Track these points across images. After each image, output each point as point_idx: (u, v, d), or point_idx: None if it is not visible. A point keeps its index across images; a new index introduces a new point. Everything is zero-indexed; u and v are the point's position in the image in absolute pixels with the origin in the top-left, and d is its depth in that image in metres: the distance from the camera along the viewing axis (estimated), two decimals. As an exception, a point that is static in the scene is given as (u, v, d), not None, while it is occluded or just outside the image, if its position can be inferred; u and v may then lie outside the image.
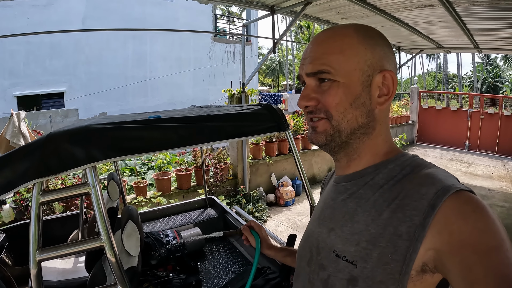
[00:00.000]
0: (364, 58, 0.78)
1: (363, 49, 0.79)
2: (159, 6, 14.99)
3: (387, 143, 0.84)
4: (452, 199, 0.63)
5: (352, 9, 5.71)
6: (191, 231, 2.89)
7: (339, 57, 0.78)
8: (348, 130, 0.80)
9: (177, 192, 5.54)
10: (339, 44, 0.79)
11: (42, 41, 12.23)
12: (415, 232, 0.64)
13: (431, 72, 44.90)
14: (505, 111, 11.29)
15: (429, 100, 16.48)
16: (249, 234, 1.39)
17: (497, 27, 6.23)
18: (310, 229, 0.95)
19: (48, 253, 1.28)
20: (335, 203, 0.87)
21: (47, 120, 11.75)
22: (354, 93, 0.78)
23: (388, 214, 0.70)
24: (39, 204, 1.27)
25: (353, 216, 0.78)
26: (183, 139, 1.53)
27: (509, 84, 30.54)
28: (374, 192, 0.77)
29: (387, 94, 0.80)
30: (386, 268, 0.67)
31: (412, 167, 0.76)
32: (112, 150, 1.36)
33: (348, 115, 0.79)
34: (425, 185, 0.68)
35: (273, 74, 40.54)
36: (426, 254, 0.63)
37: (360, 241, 0.73)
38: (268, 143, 7.06)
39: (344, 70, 0.78)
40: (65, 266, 2.85)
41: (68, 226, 3.08)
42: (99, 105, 13.44)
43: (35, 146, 1.29)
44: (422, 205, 0.65)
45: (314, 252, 0.87)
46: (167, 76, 15.44)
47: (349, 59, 0.78)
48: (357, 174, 0.84)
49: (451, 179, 0.69)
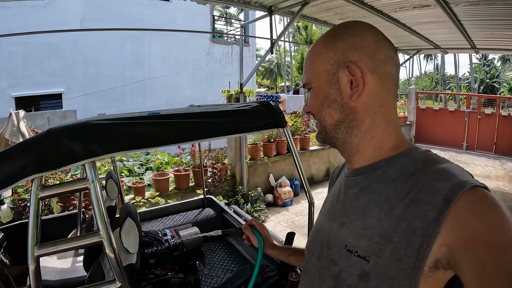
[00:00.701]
0: (327, 59, 0.83)
1: (325, 51, 0.83)
2: (157, 7, 14.99)
3: (393, 136, 0.83)
4: (467, 195, 0.62)
5: (350, 10, 5.72)
6: (190, 231, 2.89)
7: (311, 67, 0.87)
8: (329, 126, 0.86)
9: (175, 193, 5.54)
10: (311, 57, 0.87)
11: (41, 42, 12.22)
12: (429, 228, 0.63)
13: (428, 73, 45.02)
14: (503, 111, 11.31)
15: (427, 101, 16.50)
16: (250, 233, 1.36)
17: (494, 27, 6.25)
18: (320, 224, 0.95)
19: (46, 249, 1.27)
20: (346, 197, 0.86)
21: (45, 121, 11.71)
22: (323, 93, 0.85)
23: (402, 208, 0.69)
24: (38, 199, 1.26)
25: (365, 210, 0.77)
26: (181, 135, 1.54)
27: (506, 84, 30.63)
28: (386, 186, 0.75)
29: (357, 86, 0.79)
30: (399, 263, 0.66)
31: (426, 162, 0.75)
32: (111, 146, 1.36)
33: (323, 113, 0.86)
34: (440, 180, 0.67)
35: (271, 75, 40.53)
36: (439, 250, 0.62)
37: (373, 236, 0.72)
38: (266, 143, 7.07)
39: (314, 76, 0.86)
40: (63, 266, 2.84)
41: (66, 226, 3.08)
42: (97, 106, 13.41)
43: (34, 141, 1.29)
44: (437, 200, 0.64)
45: (325, 247, 0.86)
46: (165, 77, 15.42)
47: (316, 65, 0.85)
48: (368, 167, 0.83)
49: (466, 175, 0.68)
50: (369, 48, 0.79)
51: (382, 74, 0.80)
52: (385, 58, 0.80)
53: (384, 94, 0.81)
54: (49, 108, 12.98)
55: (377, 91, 0.80)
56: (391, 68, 0.81)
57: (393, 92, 0.83)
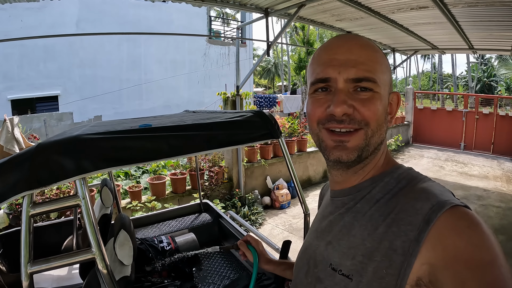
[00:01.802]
0: (390, 76, 0.81)
1: (389, 66, 0.81)
2: (153, 8, 14.99)
3: (383, 154, 0.84)
4: (447, 214, 0.63)
5: (347, 11, 5.74)
6: (186, 237, 2.87)
7: (382, 68, 0.77)
8: (376, 144, 0.78)
9: (172, 196, 5.52)
10: (380, 55, 0.79)
11: (36, 44, 12.19)
12: (410, 247, 0.64)
13: (426, 72, 45.08)
14: (500, 111, 11.42)
15: (424, 100, 16.57)
16: (246, 249, 1.38)
17: (492, 28, 6.28)
18: (308, 242, 0.95)
19: (39, 266, 1.26)
20: (332, 217, 0.87)
21: (41, 124, 11.70)
22: (386, 108, 0.79)
23: (384, 228, 0.70)
24: (29, 216, 1.25)
25: (350, 230, 0.78)
26: (174, 149, 1.52)
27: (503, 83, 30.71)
28: (370, 206, 0.77)
29: (391, 114, 0.81)
30: (382, 282, 0.66)
31: (408, 180, 0.76)
32: (102, 161, 1.34)
33: (381, 129, 0.78)
34: (420, 200, 0.68)
35: (268, 75, 40.56)
36: (420, 269, 0.62)
37: (356, 255, 0.73)
38: (263, 146, 7.07)
39: (383, 82, 0.77)
40: (60, 273, 2.82)
41: (63, 232, 3.06)
42: (93, 108, 13.41)
43: (24, 158, 1.28)
44: (417, 220, 0.65)
45: (312, 265, 0.87)
46: (162, 79, 15.41)
47: (385, 72, 0.78)
48: (354, 188, 0.84)
49: (446, 194, 0.69)
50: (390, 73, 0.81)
51: None
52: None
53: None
54: (46, 110, 12.98)
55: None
56: None
57: None
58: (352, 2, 5.10)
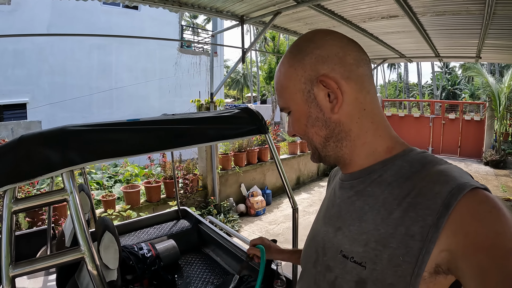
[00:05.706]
0: (297, 78, 0.79)
1: (293, 71, 0.80)
2: (126, 16, 14.79)
3: (384, 138, 0.80)
4: (467, 198, 0.60)
5: (320, 20, 5.82)
6: (166, 244, 2.79)
7: (284, 91, 0.83)
8: (319, 145, 0.83)
9: (146, 205, 5.40)
10: (281, 80, 0.84)
11: (6, 49, 11.79)
12: (428, 233, 0.61)
13: (392, 82, 46.38)
14: (466, 116, 11.94)
15: (391, 109, 17.00)
16: (255, 250, 1.42)
17: (458, 36, 6.52)
18: (315, 229, 0.92)
19: (22, 268, 1.16)
20: (341, 201, 0.83)
21: (9, 132, 11.26)
22: (304, 114, 0.81)
23: (399, 213, 0.67)
24: (11, 212, 1.16)
25: (361, 214, 0.75)
26: (164, 142, 1.47)
27: (468, 90, 31.93)
28: (382, 190, 0.73)
29: (336, 97, 0.76)
30: (397, 270, 0.64)
31: (423, 164, 0.72)
32: (90, 153, 1.27)
33: (309, 134, 0.83)
34: (439, 183, 0.64)
35: (237, 86, 40.68)
36: (439, 256, 0.60)
37: (369, 241, 0.70)
38: (237, 153, 7.05)
39: (290, 100, 0.82)
40: (35, 285, 2.67)
41: (35, 243, 2.90)
42: (63, 116, 12.96)
43: (5, 150, 1.18)
44: (436, 204, 0.62)
45: (320, 253, 0.84)
46: (133, 87, 15.17)
47: (288, 88, 0.82)
48: (363, 171, 0.80)
49: (465, 176, 0.65)
50: (337, 56, 0.77)
51: (357, 78, 0.77)
52: (355, 61, 0.77)
53: (364, 96, 0.79)
54: (13, 118, 12.50)
55: (357, 96, 0.78)
56: (364, 69, 0.79)
57: (372, 92, 0.80)
58: (325, 10, 5.17)
